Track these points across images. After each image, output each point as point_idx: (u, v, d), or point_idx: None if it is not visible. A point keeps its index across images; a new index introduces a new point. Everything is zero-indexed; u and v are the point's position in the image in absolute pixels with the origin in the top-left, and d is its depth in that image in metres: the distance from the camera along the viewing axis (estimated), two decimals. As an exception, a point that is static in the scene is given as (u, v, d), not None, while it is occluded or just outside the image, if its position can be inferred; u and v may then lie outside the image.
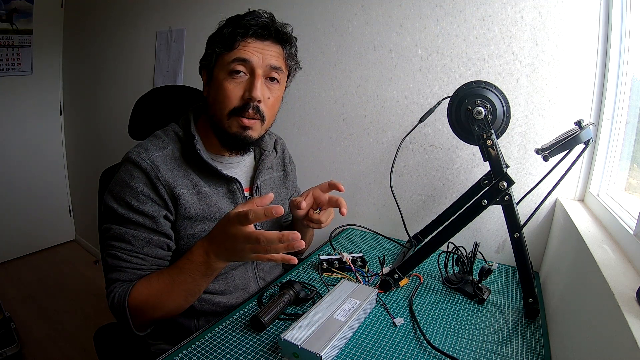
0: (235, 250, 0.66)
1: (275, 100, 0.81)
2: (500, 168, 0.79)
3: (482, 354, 0.70)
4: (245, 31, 0.75)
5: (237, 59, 0.75)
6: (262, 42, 0.77)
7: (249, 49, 0.75)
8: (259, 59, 0.76)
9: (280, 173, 1.01)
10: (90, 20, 2.36)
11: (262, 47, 0.77)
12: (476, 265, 0.91)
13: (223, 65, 0.76)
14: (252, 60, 0.75)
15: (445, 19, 1.11)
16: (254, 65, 0.76)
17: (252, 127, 0.79)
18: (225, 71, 0.76)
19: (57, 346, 1.83)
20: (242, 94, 0.76)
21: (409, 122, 1.18)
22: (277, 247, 0.61)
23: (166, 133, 0.83)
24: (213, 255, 0.69)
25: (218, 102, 0.78)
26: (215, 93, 0.78)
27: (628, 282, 0.55)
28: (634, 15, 0.88)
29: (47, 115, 2.64)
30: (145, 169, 0.75)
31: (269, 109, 0.80)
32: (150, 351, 0.85)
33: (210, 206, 0.81)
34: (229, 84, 0.76)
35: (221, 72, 0.77)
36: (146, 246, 0.75)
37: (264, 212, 0.60)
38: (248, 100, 0.76)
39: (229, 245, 0.66)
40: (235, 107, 0.77)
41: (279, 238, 0.60)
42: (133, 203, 0.74)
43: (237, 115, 0.77)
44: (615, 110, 0.94)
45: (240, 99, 0.77)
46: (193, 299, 0.76)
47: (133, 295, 0.72)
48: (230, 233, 0.64)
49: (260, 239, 0.61)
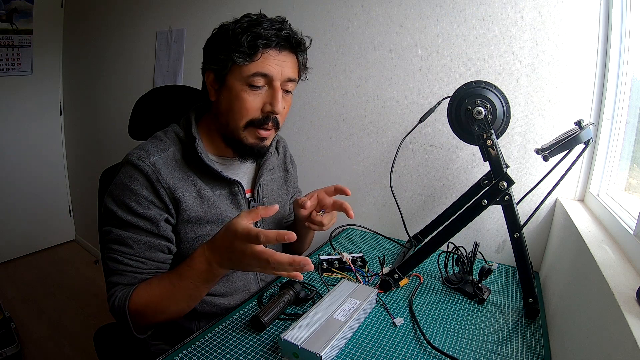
0: (240, 264, 0.65)
1: (287, 109, 0.81)
2: (500, 168, 0.79)
3: (482, 354, 0.70)
4: (268, 42, 0.73)
5: (259, 73, 0.73)
6: (280, 53, 0.75)
7: (270, 61, 0.74)
8: (278, 72, 0.75)
9: (281, 174, 1.00)
10: (90, 20, 2.36)
11: (282, 58, 0.75)
12: (476, 265, 0.91)
13: (241, 75, 0.74)
14: (273, 74, 0.74)
15: (445, 19, 1.11)
16: (274, 78, 0.75)
17: (268, 137, 0.80)
18: (244, 82, 0.74)
19: (57, 346, 1.83)
20: (262, 106, 0.76)
21: (409, 122, 1.19)
22: (286, 269, 0.61)
23: (167, 134, 0.82)
24: (216, 264, 0.68)
25: (234, 112, 0.76)
26: (231, 102, 0.76)
27: (628, 282, 0.55)
28: (634, 15, 0.88)
29: (47, 115, 2.64)
30: (146, 171, 0.74)
31: (282, 117, 0.80)
32: (150, 351, 0.85)
33: (212, 209, 0.81)
34: (247, 96, 0.74)
35: (239, 82, 0.74)
36: (147, 250, 0.75)
37: (276, 236, 0.59)
38: (268, 114, 0.76)
39: (234, 258, 0.65)
40: (253, 119, 0.76)
41: (290, 262, 0.60)
42: (133, 206, 0.73)
43: (254, 127, 0.77)
44: (615, 110, 0.94)
45: (259, 111, 0.76)
46: (194, 303, 0.75)
47: (133, 300, 0.71)
48: (238, 249, 0.63)
49: (271, 261, 0.60)
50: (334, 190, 0.86)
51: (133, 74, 2.14)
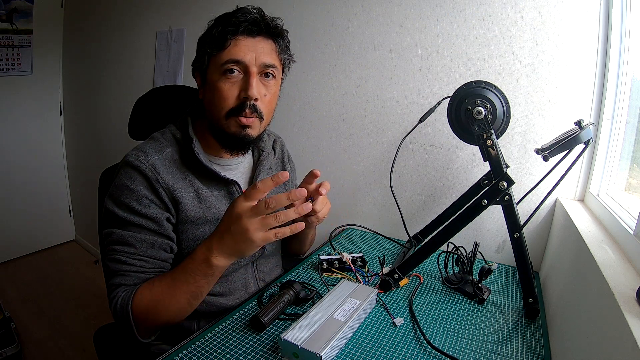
0: (242, 232, 0.63)
1: (272, 97, 0.80)
2: (500, 168, 0.79)
3: (482, 354, 0.70)
4: (235, 29, 0.73)
5: (230, 60, 0.74)
6: (254, 39, 0.75)
7: (241, 47, 0.74)
8: (252, 57, 0.74)
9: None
10: (90, 20, 2.37)
11: (254, 43, 0.75)
12: (476, 265, 0.91)
13: (216, 66, 0.75)
14: (245, 59, 0.74)
15: (445, 19, 1.11)
16: (247, 64, 0.74)
17: (251, 125, 0.78)
18: (219, 72, 0.75)
19: (57, 346, 1.83)
20: (238, 93, 0.75)
21: (409, 122, 1.19)
22: (288, 212, 0.62)
23: (164, 135, 0.82)
24: (215, 250, 0.66)
25: (214, 104, 0.77)
26: (211, 95, 0.77)
27: (628, 282, 0.55)
28: (634, 15, 0.88)
29: (47, 115, 2.64)
30: (145, 172, 0.74)
31: (266, 106, 0.79)
32: (150, 351, 0.85)
33: (210, 209, 0.81)
34: (223, 85, 0.75)
35: (215, 74, 0.76)
36: (150, 248, 0.75)
37: (272, 178, 0.60)
38: (244, 100, 0.75)
39: (234, 227, 0.63)
40: (232, 108, 0.76)
41: (287, 196, 0.61)
42: (135, 206, 0.73)
43: (234, 116, 0.76)
44: (615, 110, 0.94)
45: (236, 99, 0.75)
46: (196, 302, 0.74)
47: (136, 300, 0.71)
48: (236, 212, 0.63)
49: (269, 202, 0.60)
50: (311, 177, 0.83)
51: (133, 74, 2.14)
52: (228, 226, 0.65)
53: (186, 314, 0.75)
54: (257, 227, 0.62)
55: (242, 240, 0.64)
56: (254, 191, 0.62)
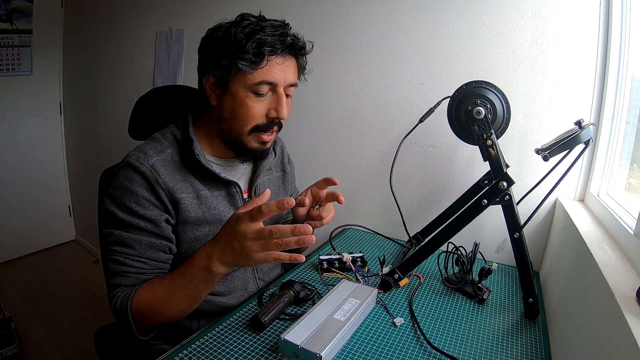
0: (242, 250, 0.64)
1: (289, 111, 0.81)
2: (500, 168, 0.79)
3: (482, 354, 0.70)
4: (273, 50, 0.72)
5: (265, 81, 0.73)
6: (284, 58, 0.75)
7: (275, 68, 0.74)
8: (282, 78, 0.75)
9: (279, 174, 1.01)
10: (90, 20, 2.37)
11: (285, 64, 0.76)
12: (476, 265, 0.91)
13: (246, 83, 0.73)
14: (278, 81, 0.75)
15: (445, 19, 1.11)
16: (278, 85, 0.75)
17: (270, 140, 0.81)
18: (249, 89, 0.74)
19: (57, 346, 1.83)
20: (266, 111, 0.77)
21: (409, 122, 1.18)
22: (289, 240, 0.62)
23: (164, 136, 0.82)
24: (216, 259, 0.68)
25: (238, 119, 0.77)
26: (234, 109, 0.76)
27: (628, 282, 0.55)
28: (634, 15, 0.88)
29: (47, 115, 2.64)
30: (145, 173, 0.74)
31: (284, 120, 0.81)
32: (150, 351, 0.85)
33: (210, 210, 0.81)
34: (253, 103, 0.75)
35: (243, 89, 0.74)
36: (148, 250, 0.75)
37: (277, 204, 0.61)
38: (273, 119, 0.77)
39: (236, 244, 0.65)
40: (258, 125, 0.77)
41: (292, 230, 0.61)
42: (134, 207, 0.74)
43: (259, 132, 0.78)
44: (615, 110, 0.94)
45: (263, 117, 0.77)
46: (195, 304, 0.75)
47: (135, 301, 0.71)
48: (240, 231, 0.63)
49: (274, 231, 0.61)
50: (324, 182, 0.87)
51: (133, 74, 2.14)
52: (230, 241, 0.66)
53: (185, 315, 0.76)
54: (258, 249, 0.64)
55: (243, 257, 0.66)
56: (259, 214, 0.62)
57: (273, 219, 0.96)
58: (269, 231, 0.62)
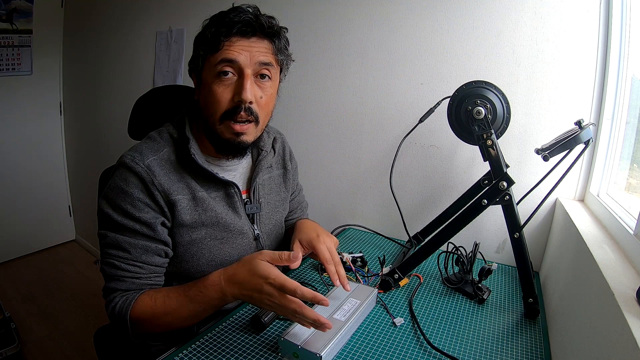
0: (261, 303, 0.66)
1: (268, 99, 0.77)
2: (500, 168, 0.79)
3: (482, 354, 0.70)
4: (228, 30, 0.71)
5: (223, 59, 0.71)
6: (248, 40, 0.73)
7: (235, 48, 0.72)
8: (246, 58, 0.72)
9: (280, 171, 0.98)
10: (90, 20, 2.37)
11: (249, 44, 0.73)
12: (476, 265, 0.91)
13: (210, 67, 0.73)
14: (239, 60, 0.72)
15: (445, 19, 1.11)
16: (241, 65, 0.72)
17: (246, 132, 0.76)
18: (213, 73, 0.73)
19: (57, 346, 1.83)
20: (232, 96, 0.73)
21: (409, 122, 1.19)
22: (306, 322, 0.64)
23: (161, 135, 0.80)
24: (231, 295, 0.68)
25: (208, 106, 0.75)
26: (206, 97, 0.75)
27: (628, 282, 0.55)
28: (634, 15, 0.88)
29: (47, 115, 2.64)
30: (140, 174, 0.72)
31: (262, 108, 0.76)
32: (150, 351, 0.85)
33: (207, 212, 0.79)
34: (217, 87, 0.73)
35: (209, 75, 0.74)
36: (144, 254, 0.74)
37: (313, 297, 0.62)
38: (238, 103, 0.73)
39: (257, 296, 0.66)
40: (226, 111, 0.74)
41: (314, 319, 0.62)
42: (129, 210, 0.72)
43: (228, 120, 0.74)
44: (615, 110, 0.94)
45: (230, 102, 0.73)
46: (199, 320, 0.74)
47: (136, 310, 0.71)
48: (266, 291, 0.64)
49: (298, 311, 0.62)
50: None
51: (133, 74, 2.14)
52: (252, 290, 0.66)
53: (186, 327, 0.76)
54: (277, 309, 0.65)
55: (259, 304, 0.68)
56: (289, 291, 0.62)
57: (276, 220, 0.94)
58: (293, 309, 0.62)
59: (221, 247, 0.81)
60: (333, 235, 0.89)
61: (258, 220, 0.88)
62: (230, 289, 0.68)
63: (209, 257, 0.80)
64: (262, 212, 0.89)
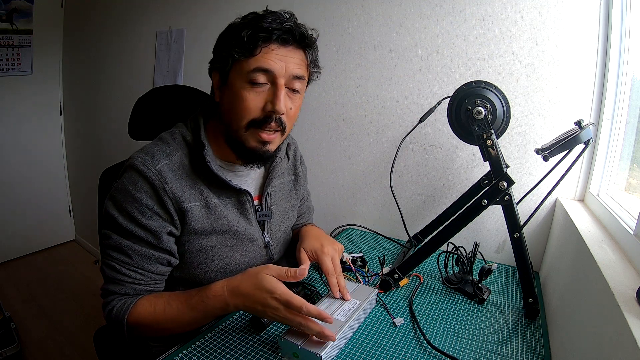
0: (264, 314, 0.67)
1: (296, 110, 0.76)
2: (500, 168, 0.79)
3: (482, 354, 0.70)
4: (268, 36, 0.67)
5: (259, 68, 0.68)
6: (285, 48, 0.70)
7: (271, 56, 0.68)
8: (281, 68, 0.69)
9: (291, 177, 0.96)
10: (90, 20, 2.37)
11: (285, 53, 0.70)
12: (476, 265, 0.91)
13: (241, 72, 0.69)
14: (275, 70, 0.69)
15: (445, 19, 1.11)
16: (276, 75, 0.69)
17: (272, 141, 0.74)
18: (244, 79, 0.69)
19: (57, 346, 1.83)
20: (263, 105, 0.70)
21: (409, 122, 1.18)
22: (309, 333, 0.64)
23: (173, 137, 0.77)
24: (234, 307, 0.68)
25: (235, 112, 0.71)
26: (232, 101, 0.71)
27: (628, 282, 0.55)
28: (634, 15, 0.88)
29: (47, 115, 2.64)
30: (151, 179, 0.69)
31: (290, 119, 0.74)
32: (150, 351, 0.85)
33: (219, 219, 0.77)
34: (248, 94, 0.69)
35: (239, 80, 0.70)
36: (146, 261, 0.72)
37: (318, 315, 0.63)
38: (270, 113, 0.70)
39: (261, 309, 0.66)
40: (254, 119, 0.71)
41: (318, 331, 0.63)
42: (136, 215, 0.70)
43: (256, 128, 0.71)
44: (615, 110, 0.94)
45: (261, 111, 0.70)
46: (199, 326, 0.74)
47: (134, 315, 0.70)
48: (271, 305, 0.64)
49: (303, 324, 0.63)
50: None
51: (133, 74, 2.14)
52: (256, 303, 0.66)
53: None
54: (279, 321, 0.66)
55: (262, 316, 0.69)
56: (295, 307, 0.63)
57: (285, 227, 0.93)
58: (298, 322, 0.63)
59: (231, 254, 0.80)
60: (337, 242, 0.88)
61: (268, 228, 0.87)
62: (234, 301, 0.67)
63: (219, 264, 0.79)
64: (273, 219, 0.88)
